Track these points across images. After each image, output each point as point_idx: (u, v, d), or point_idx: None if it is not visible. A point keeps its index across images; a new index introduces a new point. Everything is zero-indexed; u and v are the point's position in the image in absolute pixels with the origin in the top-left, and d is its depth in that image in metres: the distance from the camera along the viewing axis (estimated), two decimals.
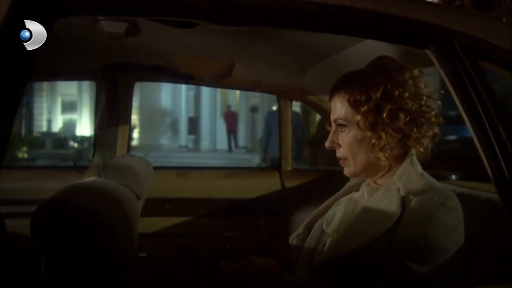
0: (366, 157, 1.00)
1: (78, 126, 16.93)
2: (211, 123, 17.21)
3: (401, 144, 1.01)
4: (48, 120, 17.04)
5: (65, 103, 17.43)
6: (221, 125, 15.50)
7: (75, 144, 14.02)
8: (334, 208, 1.11)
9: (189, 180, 2.23)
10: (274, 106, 7.95)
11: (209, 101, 17.33)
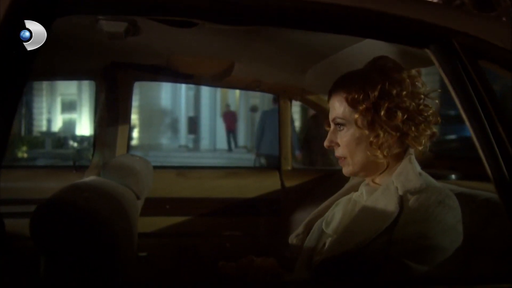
0: (365, 155, 1.00)
1: (78, 126, 16.93)
2: (211, 122, 17.19)
3: (400, 143, 1.01)
4: (47, 120, 17.04)
5: (64, 102, 17.42)
6: (221, 124, 15.48)
7: (75, 144, 14.02)
8: (333, 209, 1.11)
9: (188, 180, 2.24)
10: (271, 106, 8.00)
11: (209, 100, 17.32)
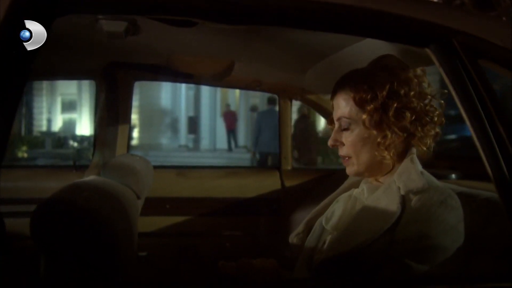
0: (370, 156, 0.99)
1: (78, 126, 16.94)
2: (211, 122, 17.19)
3: (403, 143, 1.00)
4: (48, 120, 17.05)
5: (64, 102, 17.43)
6: (221, 124, 15.47)
7: (75, 144, 14.03)
8: (333, 205, 1.11)
9: (188, 180, 2.23)
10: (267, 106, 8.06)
11: (209, 100, 17.32)
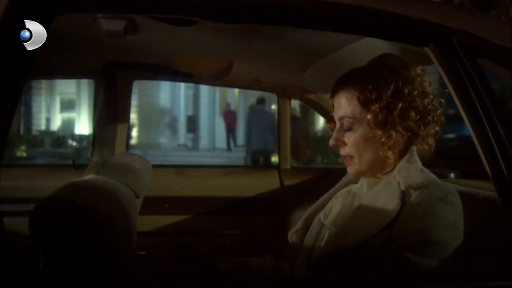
0: (373, 155, 0.99)
1: (77, 125, 16.92)
2: (210, 121, 17.18)
3: (405, 142, 1.00)
4: (46, 119, 17.04)
5: (63, 101, 17.41)
6: (220, 123, 15.46)
7: (74, 143, 14.02)
8: (332, 201, 1.11)
9: (187, 179, 2.24)
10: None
11: (208, 99, 17.30)
